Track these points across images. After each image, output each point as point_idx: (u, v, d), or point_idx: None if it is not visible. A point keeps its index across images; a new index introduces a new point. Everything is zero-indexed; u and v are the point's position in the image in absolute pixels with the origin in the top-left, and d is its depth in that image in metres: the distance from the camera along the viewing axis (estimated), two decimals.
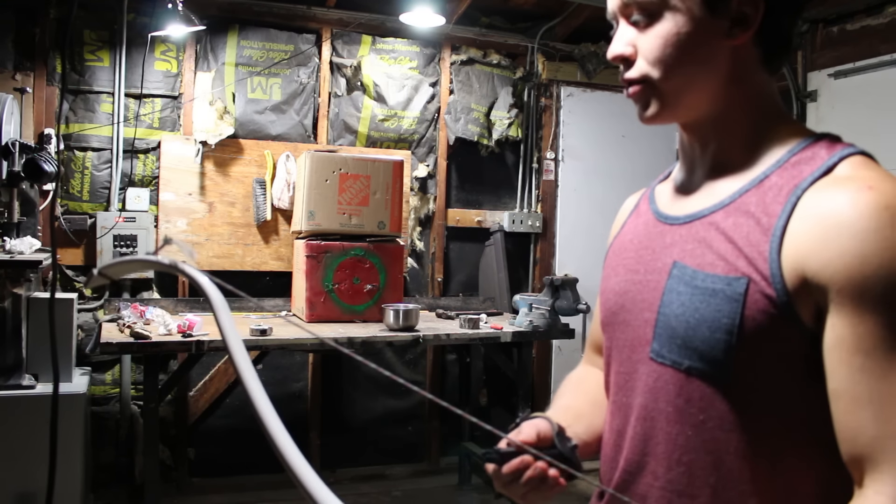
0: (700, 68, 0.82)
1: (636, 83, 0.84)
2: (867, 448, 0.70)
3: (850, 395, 0.71)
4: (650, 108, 0.85)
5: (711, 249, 0.80)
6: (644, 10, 0.82)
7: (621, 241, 0.96)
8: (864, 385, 0.70)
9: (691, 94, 0.83)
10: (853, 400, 0.70)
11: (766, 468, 0.77)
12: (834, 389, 0.72)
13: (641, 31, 0.83)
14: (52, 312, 2.13)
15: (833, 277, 0.71)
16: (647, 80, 0.83)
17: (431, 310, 3.59)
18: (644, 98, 0.84)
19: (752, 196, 0.80)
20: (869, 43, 3.53)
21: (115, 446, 3.31)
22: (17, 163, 2.58)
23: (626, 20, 0.84)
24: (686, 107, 0.84)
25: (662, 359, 0.83)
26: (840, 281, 0.71)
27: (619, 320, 0.91)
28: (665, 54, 0.81)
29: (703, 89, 0.83)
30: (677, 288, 0.82)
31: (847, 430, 0.71)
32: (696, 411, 0.80)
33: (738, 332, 0.75)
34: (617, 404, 0.91)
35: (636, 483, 0.86)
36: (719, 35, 0.81)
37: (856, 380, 0.70)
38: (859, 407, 0.70)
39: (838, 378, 0.72)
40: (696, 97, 0.83)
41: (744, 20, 0.80)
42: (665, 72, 0.82)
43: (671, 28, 0.80)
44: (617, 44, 0.85)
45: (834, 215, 0.72)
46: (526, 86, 4.01)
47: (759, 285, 0.75)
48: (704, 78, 0.82)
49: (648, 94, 0.84)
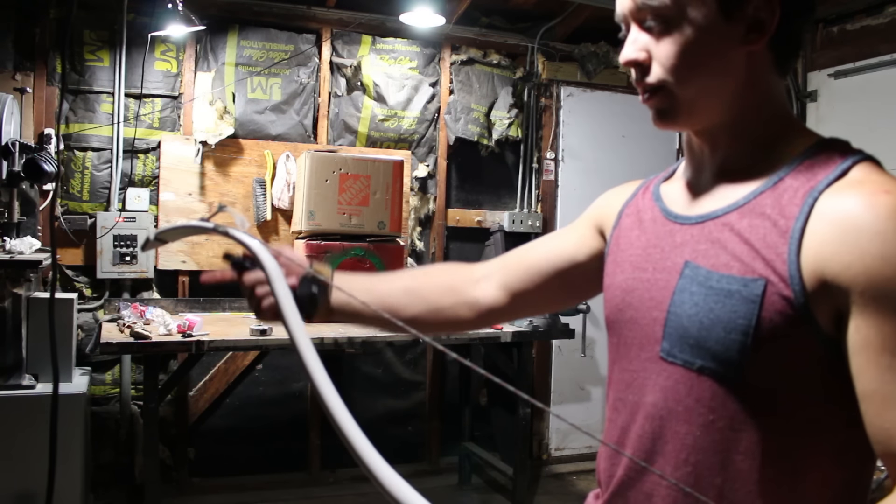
0: (717, 75, 0.82)
1: (652, 90, 0.83)
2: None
3: (881, 395, 0.71)
4: (667, 116, 0.84)
5: (726, 250, 0.80)
6: (659, 15, 0.81)
7: (627, 238, 0.96)
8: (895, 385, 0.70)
9: (708, 100, 0.83)
10: (885, 400, 0.71)
11: (773, 469, 0.78)
12: (863, 390, 0.72)
13: (656, 37, 0.82)
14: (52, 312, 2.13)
15: (855, 280, 0.71)
16: (664, 87, 0.82)
17: None
18: (661, 105, 0.84)
19: (767, 198, 0.80)
20: (869, 43, 3.53)
21: (115, 446, 3.31)
22: (17, 163, 2.58)
23: (638, 24, 0.83)
24: (702, 113, 0.84)
25: (673, 358, 0.83)
26: (862, 283, 0.71)
27: (626, 318, 0.91)
28: (682, 61, 0.80)
29: (720, 95, 0.83)
30: (690, 288, 0.82)
31: (881, 430, 0.71)
32: (706, 411, 0.80)
33: (754, 333, 0.75)
34: (622, 401, 0.91)
35: (642, 481, 0.86)
36: (735, 41, 0.80)
37: (886, 379, 0.70)
38: (892, 406, 0.70)
39: (867, 379, 0.72)
40: (713, 103, 0.83)
41: (760, 25, 0.80)
42: (682, 79, 0.81)
43: (688, 35, 0.80)
44: (630, 48, 0.84)
45: (852, 218, 0.72)
46: (526, 86, 4.02)
47: (777, 287, 0.75)
48: (721, 84, 0.82)
49: (665, 100, 0.83)
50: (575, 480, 3.85)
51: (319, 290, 1.00)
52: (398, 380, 3.85)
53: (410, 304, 1.08)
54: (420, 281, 1.13)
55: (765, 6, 0.79)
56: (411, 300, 1.08)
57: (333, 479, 3.68)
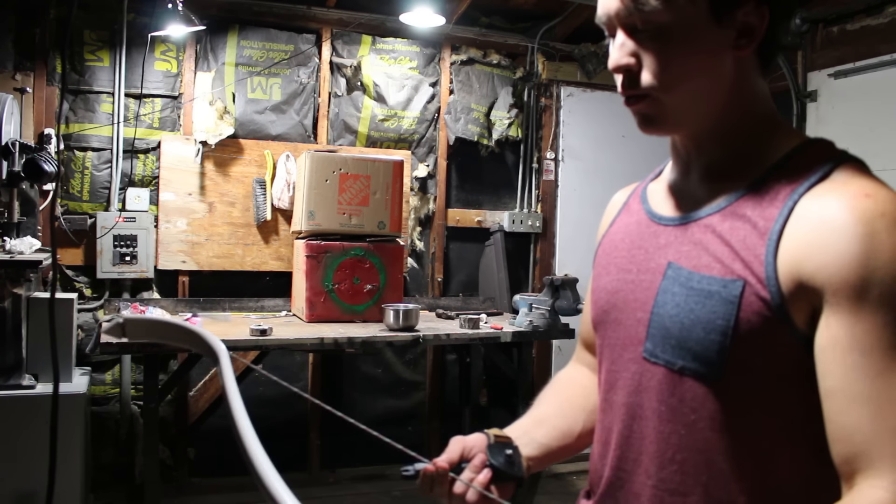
0: (706, 81, 0.81)
1: (638, 97, 0.82)
2: (864, 445, 0.70)
3: (845, 394, 0.71)
4: (653, 122, 0.83)
5: (707, 252, 0.80)
6: (650, 21, 0.79)
7: (612, 240, 0.97)
8: (860, 383, 0.70)
9: (696, 106, 0.82)
10: (849, 398, 0.71)
11: (756, 468, 0.78)
12: (828, 388, 0.73)
13: (644, 42, 0.80)
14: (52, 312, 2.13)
15: (829, 280, 0.72)
16: (651, 94, 0.81)
17: (431, 310, 3.59)
18: (648, 111, 0.83)
19: (748, 200, 0.80)
20: (869, 43, 3.53)
21: (115, 446, 3.31)
22: (17, 163, 2.58)
23: (624, 29, 0.81)
24: (689, 119, 0.83)
25: (655, 358, 0.83)
26: (836, 283, 0.71)
27: (611, 319, 0.92)
28: (672, 69, 0.79)
29: (708, 101, 0.82)
30: (672, 289, 0.82)
31: (842, 429, 0.72)
32: (688, 411, 0.80)
33: (733, 333, 0.76)
34: (608, 402, 0.92)
35: (631, 481, 0.87)
36: (725, 46, 0.80)
37: (851, 378, 0.71)
38: (856, 405, 0.70)
39: (832, 377, 0.72)
40: (701, 109, 0.82)
41: (749, 31, 0.80)
42: (671, 86, 0.80)
43: (678, 41, 0.79)
44: (619, 53, 0.82)
45: (830, 220, 0.73)
46: (526, 86, 4.01)
47: (755, 288, 0.75)
48: (709, 90, 0.81)
49: (652, 107, 0.82)
50: (575, 480, 3.85)
51: (514, 450, 0.95)
52: (398, 380, 3.85)
53: (576, 421, 1.04)
54: (565, 396, 1.09)
55: (754, 11, 0.79)
56: (574, 416, 1.05)
57: (333, 479, 3.68)
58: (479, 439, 0.96)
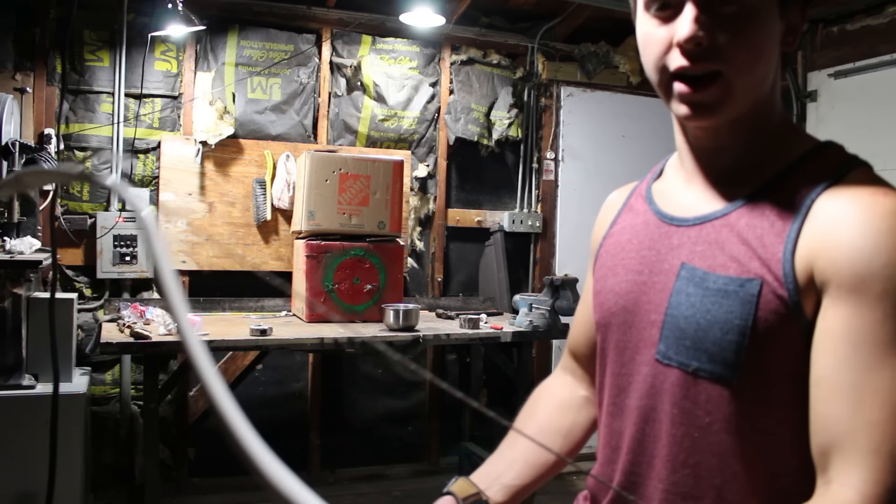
0: (770, 69, 0.82)
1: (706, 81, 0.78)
2: (839, 437, 0.70)
3: (830, 384, 0.72)
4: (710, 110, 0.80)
5: (724, 251, 0.80)
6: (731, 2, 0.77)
7: (617, 241, 0.96)
8: (847, 375, 0.71)
9: (755, 93, 0.81)
10: (833, 389, 0.71)
11: (770, 470, 0.78)
12: (817, 377, 0.73)
13: (723, 20, 0.77)
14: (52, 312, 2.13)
15: (838, 272, 0.72)
16: (724, 73, 0.78)
17: (431, 310, 3.59)
18: (712, 97, 0.79)
19: (764, 200, 0.80)
20: (869, 43, 3.53)
21: (115, 446, 3.31)
22: (17, 163, 2.58)
23: (697, 4, 0.77)
24: (746, 106, 0.81)
25: (669, 360, 0.82)
26: (843, 276, 0.72)
27: (620, 321, 0.90)
28: (753, 49, 0.78)
29: (762, 89, 0.82)
30: (686, 289, 0.82)
31: (822, 419, 0.72)
32: (702, 413, 0.80)
33: (751, 333, 0.76)
34: (618, 406, 0.91)
35: (642, 485, 0.86)
36: (778, 40, 0.82)
37: (839, 369, 0.71)
38: (839, 396, 0.71)
39: (822, 367, 0.73)
40: (754, 97, 0.81)
41: (794, 30, 0.82)
42: (748, 67, 0.78)
43: (759, 23, 0.78)
44: (695, 26, 0.76)
45: (845, 218, 0.74)
46: (526, 86, 4.02)
47: (772, 286, 0.75)
48: (765, 79, 0.82)
49: (719, 90, 0.79)
50: (575, 480, 3.85)
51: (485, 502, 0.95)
52: (398, 380, 3.85)
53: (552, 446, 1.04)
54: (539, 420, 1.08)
55: (799, 12, 0.82)
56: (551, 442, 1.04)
57: (333, 479, 3.68)
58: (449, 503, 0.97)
